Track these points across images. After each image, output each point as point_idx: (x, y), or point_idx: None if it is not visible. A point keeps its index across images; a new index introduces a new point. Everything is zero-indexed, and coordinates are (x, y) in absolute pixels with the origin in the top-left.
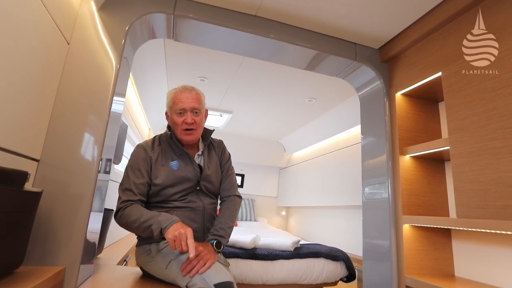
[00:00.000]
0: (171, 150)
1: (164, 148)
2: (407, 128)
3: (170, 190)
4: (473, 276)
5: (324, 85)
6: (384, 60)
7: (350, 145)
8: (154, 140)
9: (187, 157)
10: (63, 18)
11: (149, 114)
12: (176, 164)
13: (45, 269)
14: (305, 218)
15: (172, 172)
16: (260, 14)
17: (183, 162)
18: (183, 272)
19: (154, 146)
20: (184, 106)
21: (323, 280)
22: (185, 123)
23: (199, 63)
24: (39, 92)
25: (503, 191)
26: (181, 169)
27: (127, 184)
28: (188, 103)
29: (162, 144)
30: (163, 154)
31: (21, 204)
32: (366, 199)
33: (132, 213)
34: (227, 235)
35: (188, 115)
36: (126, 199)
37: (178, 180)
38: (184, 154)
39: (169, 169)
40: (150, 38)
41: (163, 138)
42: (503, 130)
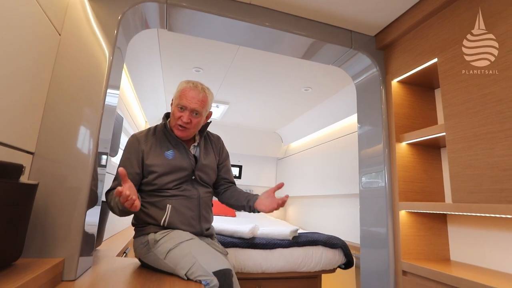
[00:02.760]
0: (166, 140)
1: (159, 138)
2: (403, 116)
3: (165, 178)
4: (468, 259)
5: (320, 74)
6: (380, 47)
7: (347, 134)
8: (149, 130)
9: (183, 147)
10: (54, 8)
11: (144, 106)
12: (171, 153)
13: (44, 261)
14: (303, 208)
15: (167, 161)
16: (254, 2)
17: (178, 152)
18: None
19: (148, 136)
20: (186, 104)
21: (321, 268)
22: (180, 119)
23: (194, 54)
24: (31, 85)
25: (498, 175)
26: (176, 159)
27: (116, 173)
28: (191, 103)
29: (157, 134)
30: (157, 144)
31: (18, 196)
32: (363, 187)
33: (108, 198)
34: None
35: (186, 114)
36: (112, 187)
37: (173, 169)
38: (179, 144)
39: (164, 158)
40: (144, 28)
41: (159, 128)
42: (498, 114)
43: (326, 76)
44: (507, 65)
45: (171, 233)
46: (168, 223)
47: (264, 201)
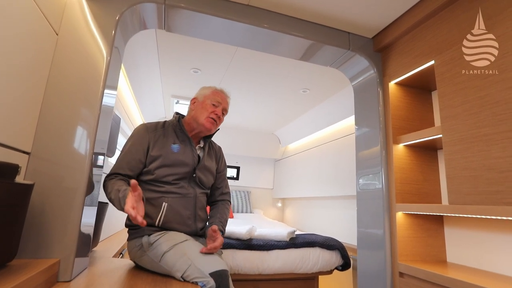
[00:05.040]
0: (174, 134)
1: (168, 132)
2: (400, 117)
3: (166, 170)
4: (465, 261)
5: (318, 75)
6: (377, 49)
7: (345, 136)
8: (158, 123)
9: (189, 143)
10: (51, 8)
11: (142, 107)
12: (177, 147)
13: (40, 262)
14: (301, 209)
15: (171, 153)
16: (253, 4)
17: (184, 147)
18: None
19: (157, 128)
20: (221, 101)
21: (318, 269)
22: (215, 113)
23: (192, 54)
24: (28, 84)
25: (494, 177)
26: (180, 153)
27: (120, 157)
28: (225, 102)
29: (166, 128)
30: (165, 136)
31: (13, 196)
32: (360, 189)
33: (109, 186)
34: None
35: (219, 110)
36: (112, 172)
37: (175, 162)
38: (186, 140)
39: (169, 150)
40: (142, 28)
41: (169, 123)
42: (495, 116)
43: (324, 77)
44: (504, 67)
45: (165, 235)
46: (163, 222)
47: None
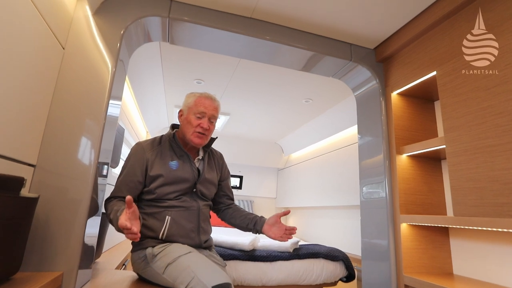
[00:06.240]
0: (171, 150)
1: (165, 148)
2: (403, 128)
3: (166, 188)
4: (471, 274)
5: (320, 85)
6: (379, 60)
7: (348, 145)
8: (154, 140)
9: (187, 158)
10: (58, 23)
11: (146, 117)
12: (175, 164)
13: (43, 275)
14: (304, 219)
15: (170, 171)
16: (255, 16)
17: (182, 163)
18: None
19: (153, 145)
20: (205, 111)
21: (322, 281)
22: (200, 126)
23: (196, 66)
24: (34, 98)
25: (499, 189)
26: (179, 169)
27: (119, 180)
28: (209, 110)
29: (163, 144)
30: (162, 154)
31: (18, 210)
32: (364, 198)
33: (108, 208)
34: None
35: (205, 121)
36: (112, 195)
37: (175, 179)
38: (184, 155)
39: (168, 168)
40: (146, 41)
41: (165, 139)
42: (498, 128)
43: (327, 87)
44: (506, 79)
45: (169, 247)
46: (167, 236)
47: (272, 227)
